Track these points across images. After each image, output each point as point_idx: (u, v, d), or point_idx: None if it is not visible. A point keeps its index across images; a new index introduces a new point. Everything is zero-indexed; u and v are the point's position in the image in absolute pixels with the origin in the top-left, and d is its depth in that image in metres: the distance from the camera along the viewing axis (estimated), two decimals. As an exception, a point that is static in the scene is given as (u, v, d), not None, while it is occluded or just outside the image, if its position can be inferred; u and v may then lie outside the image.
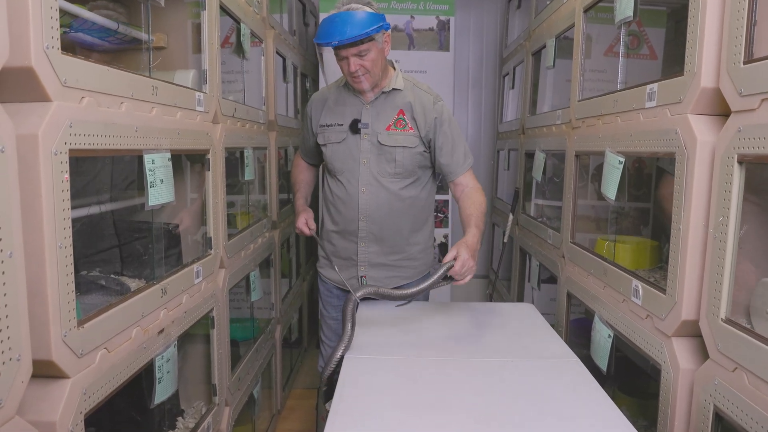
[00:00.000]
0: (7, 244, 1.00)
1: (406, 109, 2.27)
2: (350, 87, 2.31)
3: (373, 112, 2.28)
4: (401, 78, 2.31)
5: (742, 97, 1.30)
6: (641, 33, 2.95)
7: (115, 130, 1.39)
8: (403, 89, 2.29)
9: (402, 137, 2.26)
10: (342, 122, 2.31)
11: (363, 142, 2.27)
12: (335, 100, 2.36)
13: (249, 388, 2.62)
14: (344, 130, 2.30)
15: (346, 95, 2.33)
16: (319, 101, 2.41)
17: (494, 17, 4.92)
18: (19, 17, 1.08)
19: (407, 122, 2.26)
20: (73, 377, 1.26)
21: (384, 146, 2.25)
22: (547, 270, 2.93)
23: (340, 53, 2.12)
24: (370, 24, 2.06)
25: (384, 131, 2.26)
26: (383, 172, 2.27)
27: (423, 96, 2.29)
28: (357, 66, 2.12)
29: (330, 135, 2.33)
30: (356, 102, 2.31)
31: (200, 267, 2.00)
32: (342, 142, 2.30)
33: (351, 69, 2.13)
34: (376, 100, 2.28)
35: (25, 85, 1.14)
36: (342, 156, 2.30)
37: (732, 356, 1.31)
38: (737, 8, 1.33)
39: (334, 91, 2.39)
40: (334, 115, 2.34)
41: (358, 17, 2.06)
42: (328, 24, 2.08)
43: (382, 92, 2.28)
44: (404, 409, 1.42)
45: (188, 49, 2.23)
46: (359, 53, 2.10)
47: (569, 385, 1.58)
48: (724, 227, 1.35)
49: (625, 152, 1.91)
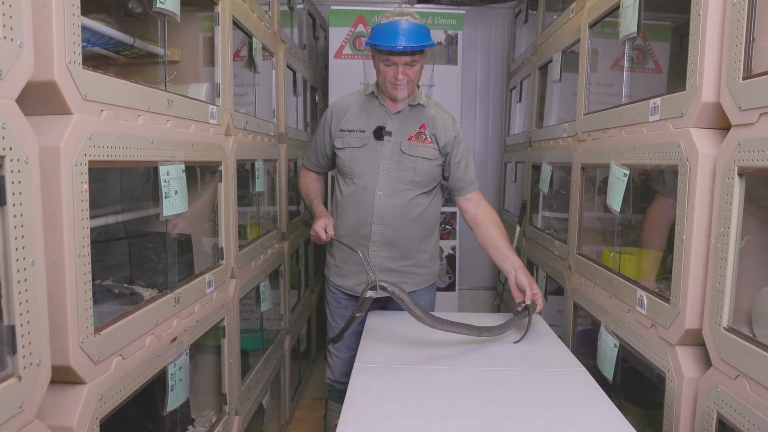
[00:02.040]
0: (29, 252, 1.04)
1: (428, 124, 2.37)
2: (377, 96, 2.39)
3: (397, 123, 2.36)
4: (423, 95, 2.42)
5: (741, 111, 1.33)
6: (647, 47, 2.98)
7: (132, 142, 1.44)
8: (426, 106, 2.40)
9: (422, 149, 2.35)
10: (364, 128, 2.37)
11: (384, 149, 2.34)
12: (360, 107, 2.42)
13: (258, 398, 2.65)
14: (367, 136, 2.36)
15: (372, 104, 2.41)
16: (340, 108, 2.46)
17: (501, 32, 4.97)
18: (43, 33, 1.13)
19: (428, 136, 2.36)
20: (89, 383, 1.29)
21: (406, 155, 2.34)
22: (554, 282, 2.95)
23: (393, 59, 2.20)
24: (429, 38, 2.20)
25: (407, 141, 2.35)
26: (402, 179, 2.34)
27: (444, 115, 2.41)
28: (404, 74, 2.21)
29: (350, 139, 2.38)
30: (382, 111, 2.38)
31: (212, 277, 2.04)
32: (363, 147, 2.36)
33: (399, 75, 2.21)
34: (401, 112, 2.37)
35: (48, 98, 1.18)
36: (361, 160, 2.36)
37: (734, 364, 1.33)
38: (736, 25, 1.36)
39: (358, 99, 2.45)
40: (357, 121, 2.40)
41: (420, 30, 2.18)
42: (390, 30, 2.16)
43: (408, 105, 2.37)
44: (413, 416, 1.45)
45: (200, 62, 2.28)
46: (411, 63, 2.21)
47: (576, 393, 1.60)
48: (725, 238, 1.38)
49: (629, 165, 1.94)
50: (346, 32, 4.14)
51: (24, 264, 1.02)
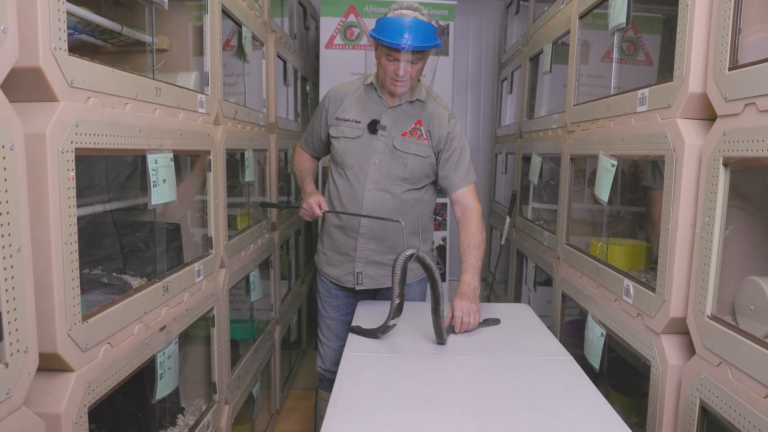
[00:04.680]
0: (15, 240, 1.03)
1: (424, 120, 2.34)
2: (375, 88, 2.36)
3: (392, 117, 2.34)
4: (424, 90, 2.38)
5: (727, 102, 1.34)
6: (637, 39, 2.99)
7: (120, 130, 1.43)
8: (425, 101, 2.36)
9: (415, 146, 2.32)
10: (360, 120, 2.35)
11: (378, 143, 2.32)
12: (358, 97, 2.40)
13: (248, 387, 2.66)
14: (361, 128, 2.34)
15: (370, 95, 2.38)
16: (338, 95, 2.43)
17: (493, 23, 4.97)
18: (28, 19, 1.12)
19: (423, 133, 2.34)
20: (77, 371, 1.29)
21: (398, 151, 2.31)
22: (543, 273, 2.97)
23: (396, 55, 2.16)
24: (435, 38, 2.16)
25: (400, 137, 2.32)
26: (392, 174, 2.32)
27: (440, 111, 2.37)
28: (406, 71, 2.18)
29: (345, 129, 2.37)
30: (379, 104, 2.36)
31: (201, 266, 2.04)
32: (357, 139, 2.34)
33: (400, 72, 2.17)
34: (399, 107, 2.34)
35: (34, 85, 1.18)
36: (354, 152, 2.35)
37: (717, 351, 1.35)
38: (723, 16, 1.37)
39: (356, 88, 2.42)
40: (354, 111, 2.37)
41: (427, 28, 2.13)
42: (398, 26, 2.11)
43: (406, 101, 2.34)
44: (401, 404, 1.46)
45: (190, 51, 2.27)
46: (414, 60, 2.17)
47: (562, 381, 1.61)
48: (710, 227, 1.39)
49: (617, 155, 1.95)
50: (337, 22, 4.12)
51: (10, 251, 1.02)
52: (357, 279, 2.40)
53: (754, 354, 1.23)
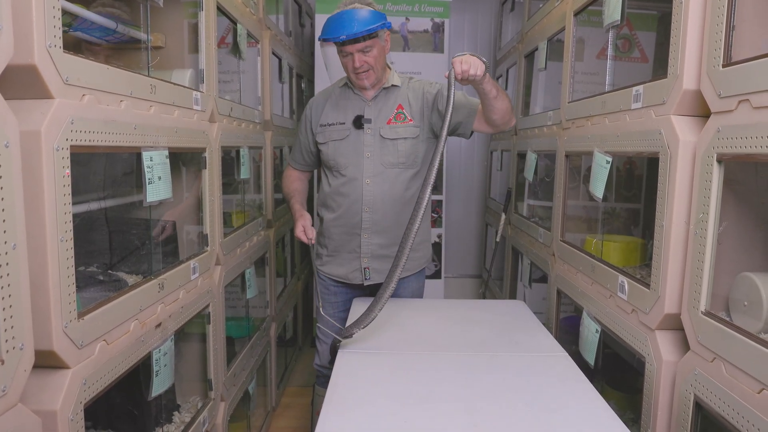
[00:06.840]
0: (10, 237, 1.03)
1: (404, 103, 2.37)
2: (351, 87, 2.39)
3: (375, 109, 2.36)
4: (397, 76, 2.41)
5: (720, 98, 1.35)
6: (633, 36, 2.99)
7: (115, 127, 1.43)
8: (400, 85, 2.39)
9: (402, 129, 2.35)
10: (344, 120, 2.38)
11: (366, 137, 2.34)
12: (336, 100, 2.42)
13: (244, 384, 2.66)
14: (347, 128, 2.36)
15: (348, 94, 2.41)
16: (318, 102, 2.47)
17: (488, 20, 4.97)
18: (23, 16, 1.12)
19: (406, 115, 2.36)
20: (73, 368, 1.29)
21: (386, 139, 2.34)
22: (538, 270, 2.98)
23: (345, 49, 2.20)
24: (374, 21, 2.16)
25: (386, 125, 2.34)
26: (387, 162, 2.34)
27: (416, 84, 2.40)
28: (361, 62, 2.21)
29: (331, 133, 2.39)
30: (358, 100, 2.38)
31: (197, 263, 2.03)
32: (345, 139, 2.36)
33: (356, 64, 2.21)
34: (377, 97, 2.37)
35: (29, 82, 1.17)
36: (345, 151, 2.36)
37: (711, 347, 1.36)
38: (717, 13, 1.38)
39: (334, 92, 2.45)
40: (336, 114, 2.40)
41: (363, 15, 2.15)
42: (334, 21, 2.17)
43: (382, 89, 2.37)
44: (395, 400, 1.46)
45: (185, 48, 2.26)
46: (364, 49, 2.19)
47: (557, 377, 1.62)
48: (704, 224, 1.40)
49: (612, 152, 1.96)
50: (332, 19, 4.11)
51: (5, 248, 1.02)
52: (365, 275, 2.40)
53: (747, 350, 1.23)
